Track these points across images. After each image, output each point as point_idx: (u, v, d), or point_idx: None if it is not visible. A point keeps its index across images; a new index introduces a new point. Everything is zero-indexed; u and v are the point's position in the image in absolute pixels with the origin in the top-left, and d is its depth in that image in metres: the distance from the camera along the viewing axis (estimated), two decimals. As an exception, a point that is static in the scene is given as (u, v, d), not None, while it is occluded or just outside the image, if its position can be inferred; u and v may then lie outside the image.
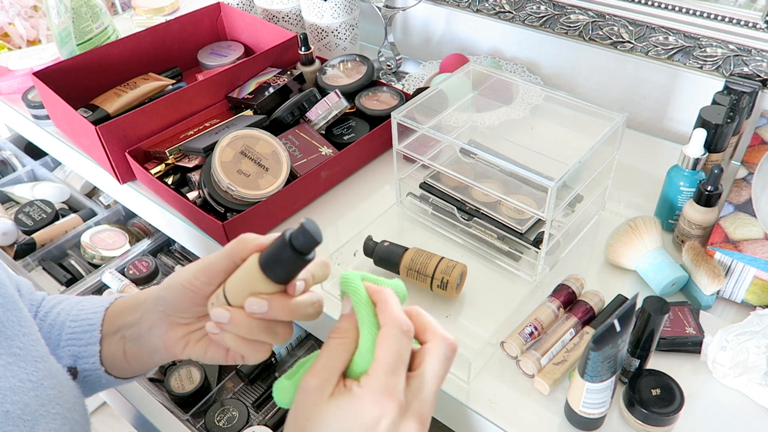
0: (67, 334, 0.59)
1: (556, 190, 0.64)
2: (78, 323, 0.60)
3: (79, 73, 1.02)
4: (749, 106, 0.83)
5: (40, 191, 1.41)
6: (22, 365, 0.48)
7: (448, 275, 0.70)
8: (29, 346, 0.50)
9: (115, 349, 0.58)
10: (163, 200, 0.92)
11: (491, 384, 0.65)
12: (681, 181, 0.75)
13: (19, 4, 1.32)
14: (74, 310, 0.61)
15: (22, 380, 0.47)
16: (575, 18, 1.00)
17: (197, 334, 0.52)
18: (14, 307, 0.51)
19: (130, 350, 0.57)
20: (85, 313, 0.60)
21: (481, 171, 0.79)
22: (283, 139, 0.89)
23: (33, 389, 0.47)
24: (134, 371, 0.61)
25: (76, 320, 0.60)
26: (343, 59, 1.07)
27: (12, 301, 0.51)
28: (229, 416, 1.03)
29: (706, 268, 0.67)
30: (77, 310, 0.61)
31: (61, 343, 0.60)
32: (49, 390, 0.49)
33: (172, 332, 0.52)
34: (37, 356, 0.50)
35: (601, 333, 0.51)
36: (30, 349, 0.50)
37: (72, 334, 0.59)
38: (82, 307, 0.61)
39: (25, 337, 0.50)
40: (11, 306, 0.51)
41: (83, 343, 0.59)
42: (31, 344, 0.50)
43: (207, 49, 1.17)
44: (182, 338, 0.52)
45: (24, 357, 0.48)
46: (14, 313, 0.50)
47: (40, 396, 0.48)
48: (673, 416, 0.57)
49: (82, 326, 0.59)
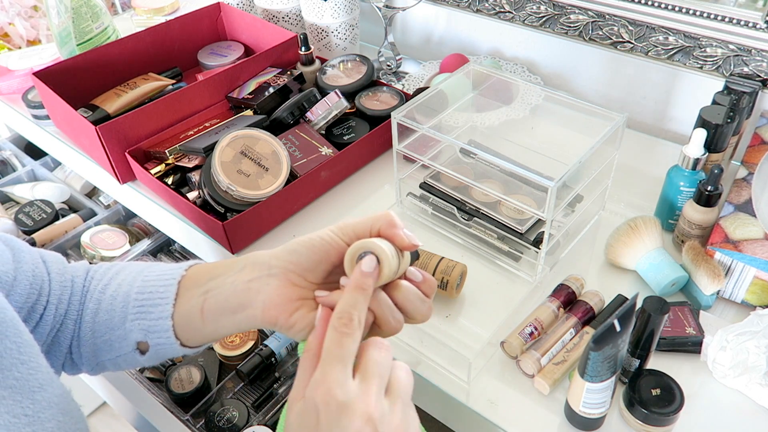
0: (134, 307, 0.56)
1: (556, 190, 0.64)
2: (146, 296, 0.56)
3: (79, 73, 1.02)
4: (749, 106, 0.83)
5: (40, 191, 1.41)
6: (18, 398, 0.45)
7: (448, 275, 0.70)
8: (28, 375, 0.47)
9: (193, 305, 0.54)
10: (163, 200, 0.92)
11: (491, 384, 0.65)
12: (681, 181, 0.75)
13: (19, 4, 1.32)
14: (137, 281, 0.58)
15: (17, 415, 0.44)
16: (575, 18, 1.00)
17: (313, 303, 0.49)
18: (14, 332, 0.48)
19: (211, 307, 0.53)
20: (153, 285, 0.57)
21: (481, 171, 0.79)
22: (283, 139, 0.89)
23: (29, 424, 0.45)
24: (204, 336, 0.56)
25: (142, 292, 0.56)
26: (343, 59, 1.07)
27: (12, 326, 0.48)
28: (229, 416, 1.03)
29: (706, 268, 0.67)
30: (141, 281, 0.57)
31: (128, 317, 0.56)
32: (47, 423, 0.46)
33: (287, 290, 0.49)
34: (36, 385, 0.47)
35: (601, 333, 0.51)
36: (29, 379, 0.47)
37: (140, 307, 0.56)
38: (146, 278, 0.58)
39: (23, 365, 0.47)
40: (10, 332, 0.47)
41: (154, 317, 0.55)
42: (30, 372, 0.47)
43: (207, 49, 1.17)
44: (296, 301, 0.49)
45: (20, 389, 0.46)
46: (13, 340, 0.47)
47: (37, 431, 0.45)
48: (673, 416, 0.57)
49: (150, 299, 0.56)
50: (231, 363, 1.11)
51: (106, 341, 0.58)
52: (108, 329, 0.58)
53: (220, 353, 1.10)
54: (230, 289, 0.52)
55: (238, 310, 0.51)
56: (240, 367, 1.08)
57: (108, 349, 0.59)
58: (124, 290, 0.58)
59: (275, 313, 0.49)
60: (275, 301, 0.49)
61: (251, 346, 1.10)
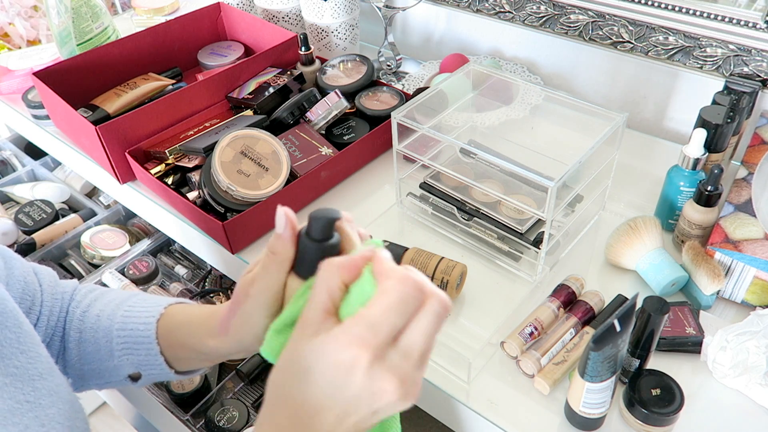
0: (118, 344, 0.59)
1: (556, 190, 0.64)
2: (127, 333, 0.59)
3: (79, 73, 1.02)
4: (749, 106, 0.83)
5: (40, 191, 1.41)
6: (19, 385, 0.46)
7: (448, 275, 0.70)
8: (27, 365, 0.48)
9: (195, 356, 0.58)
10: (163, 200, 0.92)
11: (491, 384, 0.65)
12: (681, 181, 0.75)
13: (19, 4, 1.32)
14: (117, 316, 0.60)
15: (19, 401, 0.46)
16: (575, 18, 1.00)
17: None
18: (14, 323, 0.49)
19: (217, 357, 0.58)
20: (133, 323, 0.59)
21: (481, 171, 0.79)
22: (283, 139, 0.89)
23: (31, 410, 0.46)
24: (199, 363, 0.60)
25: (123, 329, 0.59)
26: (343, 59, 1.07)
27: (12, 317, 0.49)
28: (229, 416, 1.03)
29: (706, 268, 0.67)
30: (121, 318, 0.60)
31: (114, 353, 0.59)
32: (49, 409, 0.48)
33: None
34: (36, 374, 0.49)
35: (601, 333, 0.51)
36: (28, 368, 0.48)
37: (124, 345, 0.59)
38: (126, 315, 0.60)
39: (23, 354, 0.48)
40: (10, 322, 0.49)
41: (142, 354, 0.58)
42: (30, 362, 0.49)
43: (207, 49, 1.17)
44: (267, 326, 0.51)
45: (21, 376, 0.47)
46: (13, 330, 0.49)
47: (39, 417, 0.47)
48: (673, 416, 0.57)
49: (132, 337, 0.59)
50: (231, 363, 1.11)
51: (94, 370, 0.61)
52: (96, 360, 0.61)
53: (220, 353, 1.10)
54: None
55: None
56: (240, 367, 1.08)
57: (96, 377, 0.62)
58: (105, 325, 0.60)
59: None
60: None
61: (251, 346, 1.10)
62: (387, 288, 0.38)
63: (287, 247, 0.44)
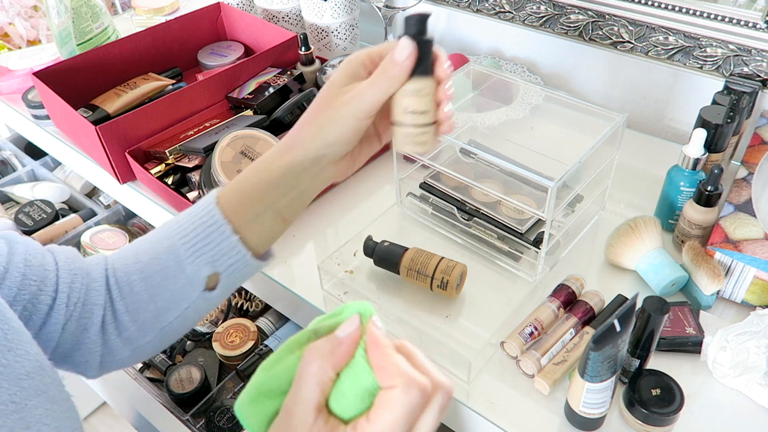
0: (186, 250, 0.57)
1: (556, 190, 0.64)
2: (192, 233, 0.57)
3: (79, 73, 1.02)
4: (749, 106, 0.83)
5: (40, 191, 1.41)
6: (5, 385, 0.44)
7: (448, 275, 0.70)
8: (15, 363, 0.46)
9: (271, 224, 0.59)
10: (163, 200, 0.92)
11: (491, 384, 0.65)
12: (681, 181, 0.75)
13: (19, 4, 1.32)
14: (174, 231, 0.58)
15: (4, 402, 0.44)
16: (575, 18, 1.00)
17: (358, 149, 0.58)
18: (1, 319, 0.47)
19: (290, 212, 0.59)
20: (193, 222, 0.58)
21: (481, 171, 0.79)
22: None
23: (17, 411, 0.44)
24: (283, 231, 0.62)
25: (186, 234, 0.58)
26: (343, 59, 1.07)
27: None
28: (229, 416, 1.03)
29: (706, 268, 0.67)
30: (178, 228, 0.58)
31: (184, 264, 0.57)
32: (35, 410, 0.46)
33: (341, 167, 0.58)
34: (23, 373, 0.46)
35: (601, 333, 0.51)
36: (15, 366, 0.46)
37: (193, 246, 0.57)
38: (182, 224, 0.58)
39: (10, 352, 0.46)
40: None
41: (215, 243, 0.57)
42: (17, 360, 0.46)
43: (207, 49, 1.17)
44: (350, 162, 0.58)
45: (8, 375, 0.45)
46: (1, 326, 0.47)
47: (24, 418, 0.44)
48: (673, 416, 0.58)
49: (199, 231, 0.57)
50: (231, 363, 1.11)
51: (169, 298, 0.59)
52: (166, 286, 0.59)
53: (220, 353, 1.10)
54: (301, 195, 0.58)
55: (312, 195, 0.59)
56: (240, 367, 1.08)
57: (173, 305, 0.60)
58: (164, 246, 0.59)
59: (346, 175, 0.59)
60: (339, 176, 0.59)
61: (251, 346, 1.10)
62: (391, 401, 0.38)
63: (402, 75, 0.50)
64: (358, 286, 0.76)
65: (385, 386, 0.39)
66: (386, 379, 0.39)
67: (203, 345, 1.19)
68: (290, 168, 0.56)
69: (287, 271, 0.80)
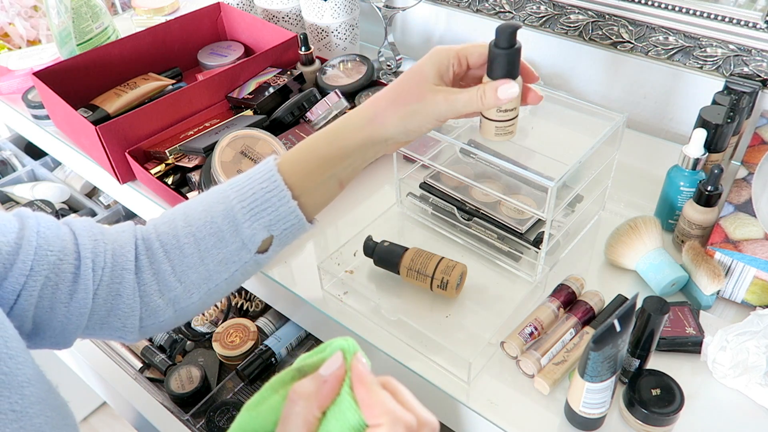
0: (244, 214, 0.58)
1: (556, 190, 0.64)
2: (251, 197, 0.58)
3: (79, 73, 1.02)
4: (749, 106, 0.83)
5: (40, 191, 1.41)
6: (6, 394, 0.44)
7: (448, 275, 0.70)
8: (16, 370, 0.45)
9: (330, 190, 0.62)
10: (163, 200, 0.92)
11: (491, 384, 0.65)
12: (681, 181, 0.75)
13: (19, 4, 1.32)
14: (230, 195, 0.59)
15: (3, 411, 0.43)
16: (575, 18, 1.00)
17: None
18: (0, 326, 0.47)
19: (348, 178, 0.63)
20: (252, 188, 0.59)
21: (481, 171, 0.79)
22: (283, 139, 0.89)
23: (17, 420, 0.44)
24: (337, 195, 0.65)
25: (244, 198, 0.59)
26: (343, 59, 1.07)
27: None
28: (229, 416, 1.03)
29: (706, 268, 0.67)
30: (235, 193, 0.59)
31: (241, 228, 0.59)
32: (36, 418, 0.45)
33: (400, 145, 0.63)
34: (24, 380, 0.46)
35: (601, 333, 0.51)
36: (17, 374, 0.45)
37: (251, 210, 0.58)
38: (239, 189, 0.59)
39: (11, 359, 0.46)
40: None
41: (274, 208, 0.58)
42: (19, 367, 0.46)
43: (207, 49, 1.17)
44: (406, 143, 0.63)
45: (9, 384, 0.44)
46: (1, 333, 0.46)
47: (25, 427, 0.44)
48: (673, 416, 0.58)
49: (258, 197, 0.58)
50: (231, 363, 1.11)
51: (221, 261, 0.60)
52: (220, 249, 0.60)
53: (220, 353, 1.10)
54: (365, 160, 0.63)
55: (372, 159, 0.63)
56: (240, 367, 1.08)
57: (223, 268, 0.61)
58: (219, 210, 0.59)
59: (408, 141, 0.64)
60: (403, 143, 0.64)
61: (251, 346, 1.10)
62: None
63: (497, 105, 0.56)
64: (358, 286, 0.76)
65: (372, 424, 0.39)
66: (372, 416, 0.39)
67: (203, 345, 1.19)
68: (366, 142, 0.59)
69: (287, 271, 0.80)
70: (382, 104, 0.59)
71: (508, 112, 0.58)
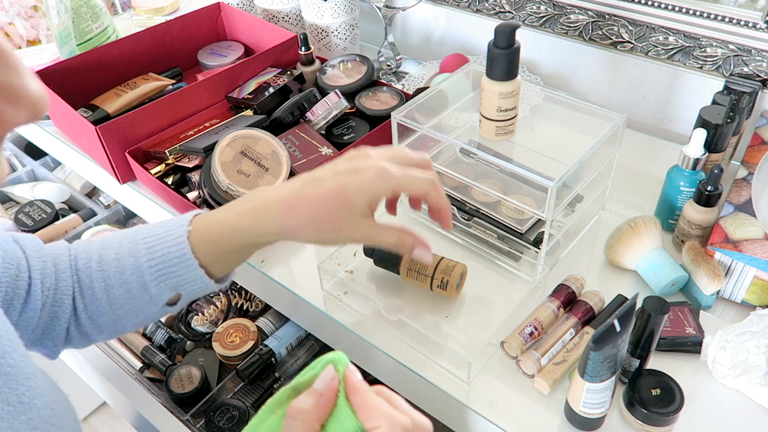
0: (152, 275, 0.59)
1: (556, 190, 0.64)
2: (158, 261, 0.59)
3: (79, 73, 1.02)
4: (749, 106, 0.83)
5: (40, 191, 1.41)
6: (14, 385, 0.44)
7: (448, 275, 0.70)
8: (21, 363, 0.46)
9: (238, 260, 0.62)
10: (163, 200, 0.92)
11: (491, 384, 0.65)
12: (681, 181, 0.75)
13: (19, 4, 1.32)
14: (140, 252, 0.59)
15: (11, 403, 0.43)
16: (575, 18, 1.00)
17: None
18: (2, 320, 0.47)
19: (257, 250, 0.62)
20: (161, 250, 0.59)
21: (481, 171, 0.79)
22: (283, 139, 0.89)
23: (25, 411, 0.44)
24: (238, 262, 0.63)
25: (152, 258, 0.59)
26: (343, 59, 1.07)
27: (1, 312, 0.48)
28: (229, 416, 1.03)
29: (706, 268, 0.67)
30: (145, 251, 0.59)
31: (149, 286, 0.59)
32: (42, 410, 0.45)
33: None
34: (29, 373, 0.46)
35: (601, 333, 0.51)
36: (22, 366, 0.46)
37: (159, 272, 0.59)
38: (149, 246, 0.59)
39: (15, 352, 0.46)
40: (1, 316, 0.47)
41: (179, 273, 0.59)
42: (23, 359, 0.46)
43: (207, 49, 1.17)
44: None
45: (16, 375, 0.44)
46: (3, 327, 0.46)
47: (32, 419, 0.44)
48: (673, 416, 0.58)
49: (165, 262, 0.58)
50: (231, 363, 1.11)
51: (130, 310, 0.61)
52: (129, 299, 0.60)
53: (220, 353, 1.10)
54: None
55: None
56: (240, 367, 1.08)
57: (132, 315, 0.62)
58: (129, 263, 0.60)
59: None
60: None
61: (251, 346, 1.10)
62: None
63: None
64: (358, 286, 0.76)
65: (370, 427, 0.40)
66: (370, 420, 0.40)
67: (203, 345, 1.19)
68: (277, 241, 0.58)
69: (287, 271, 0.80)
70: (300, 219, 0.55)
71: (509, 112, 0.58)
